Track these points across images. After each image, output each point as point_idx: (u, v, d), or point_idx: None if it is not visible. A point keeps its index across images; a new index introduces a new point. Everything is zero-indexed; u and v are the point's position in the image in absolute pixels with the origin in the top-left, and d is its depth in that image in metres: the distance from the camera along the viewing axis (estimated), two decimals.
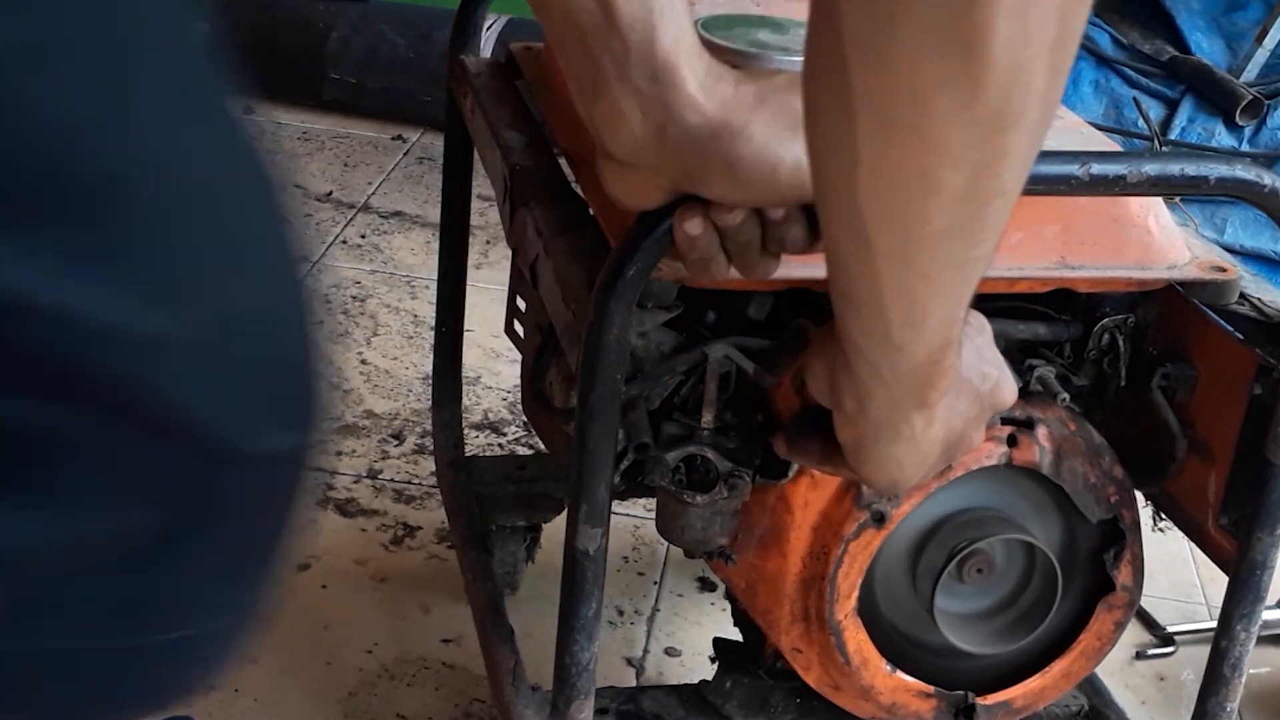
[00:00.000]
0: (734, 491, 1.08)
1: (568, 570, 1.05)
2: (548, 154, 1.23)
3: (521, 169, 1.20)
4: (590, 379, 0.98)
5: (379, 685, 1.57)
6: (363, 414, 2.03)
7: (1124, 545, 1.15)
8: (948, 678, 1.16)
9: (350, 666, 1.59)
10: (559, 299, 1.07)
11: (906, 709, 1.15)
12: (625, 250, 0.95)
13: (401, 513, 1.84)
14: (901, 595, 1.15)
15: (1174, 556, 1.88)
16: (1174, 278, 1.09)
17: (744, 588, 1.17)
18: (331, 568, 1.74)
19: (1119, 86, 2.48)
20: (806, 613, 1.13)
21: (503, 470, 1.65)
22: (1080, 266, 1.07)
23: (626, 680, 1.62)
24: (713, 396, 1.06)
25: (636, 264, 0.95)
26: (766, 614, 1.16)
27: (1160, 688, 1.70)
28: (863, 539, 1.10)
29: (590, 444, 1.00)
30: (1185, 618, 1.81)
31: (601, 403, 0.99)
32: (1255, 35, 2.52)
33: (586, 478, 1.01)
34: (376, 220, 2.58)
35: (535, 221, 1.13)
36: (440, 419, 1.66)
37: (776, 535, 1.12)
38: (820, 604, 1.11)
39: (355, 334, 2.24)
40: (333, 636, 1.63)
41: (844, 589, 1.11)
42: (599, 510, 1.02)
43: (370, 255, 2.46)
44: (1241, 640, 1.14)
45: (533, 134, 1.27)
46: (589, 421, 0.99)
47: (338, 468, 1.92)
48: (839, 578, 1.10)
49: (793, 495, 1.11)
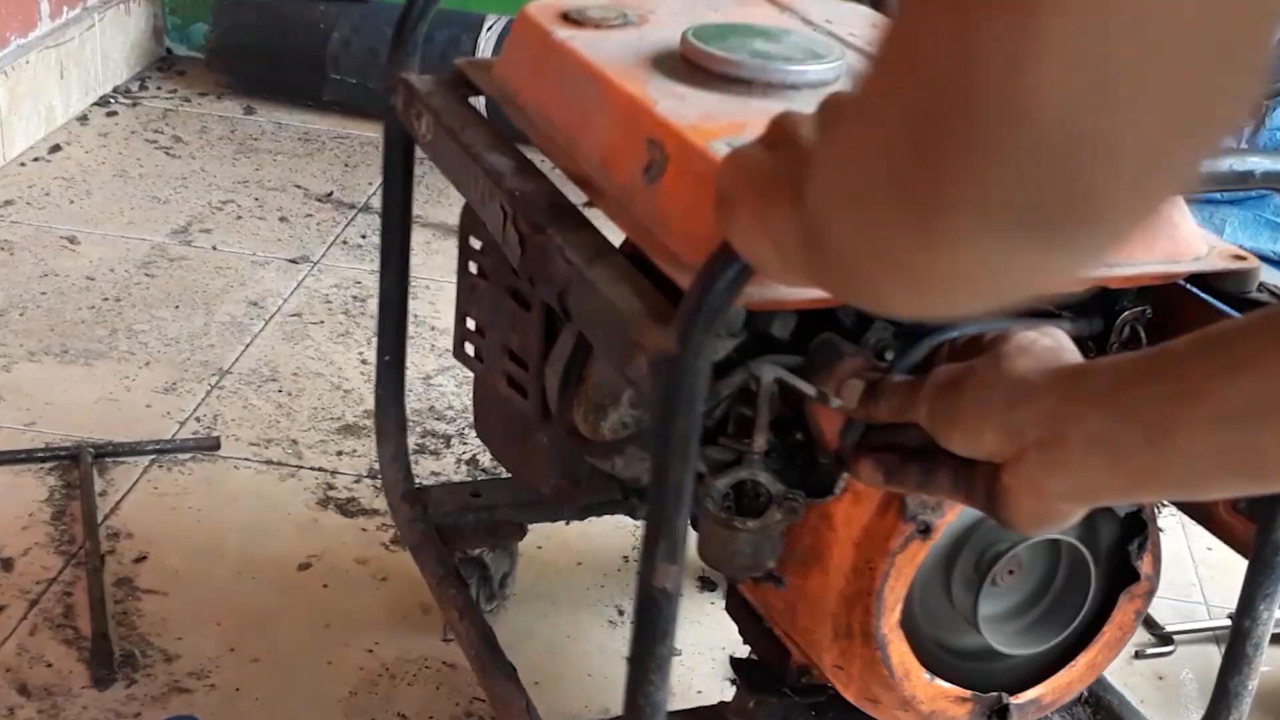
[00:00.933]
0: (789, 515, 1.06)
1: (644, 609, 1.01)
2: (542, 177, 1.21)
3: (523, 195, 1.18)
4: (672, 412, 0.94)
5: (380, 684, 1.57)
6: (363, 414, 2.04)
7: (1147, 535, 1.15)
8: (979, 679, 1.16)
9: (351, 665, 1.60)
10: (610, 329, 1.04)
11: (944, 715, 1.14)
12: (709, 280, 0.92)
13: None
14: (934, 601, 1.13)
15: (1173, 556, 1.89)
16: (1202, 269, 1.09)
17: (782, 609, 1.15)
18: (332, 567, 1.74)
19: None
20: (850, 629, 1.11)
21: (459, 499, 1.61)
22: (1117, 264, 1.06)
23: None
24: (765, 420, 1.03)
25: (722, 294, 0.91)
26: (808, 633, 1.14)
27: (1159, 687, 1.71)
28: (909, 551, 1.08)
29: (672, 478, 0.95)
30: (1184, 617, 1.81)
31: (683, 436, 0.94)
32: None
33: (667, 513, 0.97)
34: (377, 220, 2.58)
35: (561, 249, 1.10)
36: (386, 452, 1.61)
37: (819, 553, 1.11)
38: (866, 619, 1.10)
39: (356, 334, 2.24)
40: (333, 636, 1.63)
41: (890, 602, 1.09)
42: (677, 546, 0.98)
43: (370, 255, 2.46)
44: (1264, 619, 1.16)
45: (518, 156, 1.25)
46: (670, 455, 0.95)
47: (338, 468, 1.93)
48: (886, 591, 1.08)
49: (835, 512, 1.09)
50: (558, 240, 1.11)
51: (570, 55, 1.23)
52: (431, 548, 1.53)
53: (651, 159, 1.10)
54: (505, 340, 1.33)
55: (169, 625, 1.62)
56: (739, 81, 1.15)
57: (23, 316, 2.21)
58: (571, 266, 1.09)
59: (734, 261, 0.90)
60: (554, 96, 1.25)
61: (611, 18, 1.28)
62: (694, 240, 1.03)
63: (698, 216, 1.03)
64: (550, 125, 1.25)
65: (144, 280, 2.36)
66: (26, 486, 1.84)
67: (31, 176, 2.68)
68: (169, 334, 2.20)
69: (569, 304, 1.10)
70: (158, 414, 2.00)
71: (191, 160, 2.80)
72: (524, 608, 1.71)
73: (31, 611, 1.63)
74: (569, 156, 1.20)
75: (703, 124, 1.09)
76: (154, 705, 1.51)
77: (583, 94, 1.20)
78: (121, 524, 1.78)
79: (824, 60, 1.17)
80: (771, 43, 1.19)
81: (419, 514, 1.57)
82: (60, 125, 2.88)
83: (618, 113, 1.16)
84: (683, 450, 0.95)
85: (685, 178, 1.07)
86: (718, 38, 1.19)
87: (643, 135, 1.11)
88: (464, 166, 1.27)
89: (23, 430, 1.94)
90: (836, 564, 1.10)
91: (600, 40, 1.24)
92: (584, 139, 1.19)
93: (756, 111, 1.12)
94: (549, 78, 1.27)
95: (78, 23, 2.94)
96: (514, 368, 1.32)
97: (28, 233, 2.47)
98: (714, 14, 1.30)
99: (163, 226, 2.54)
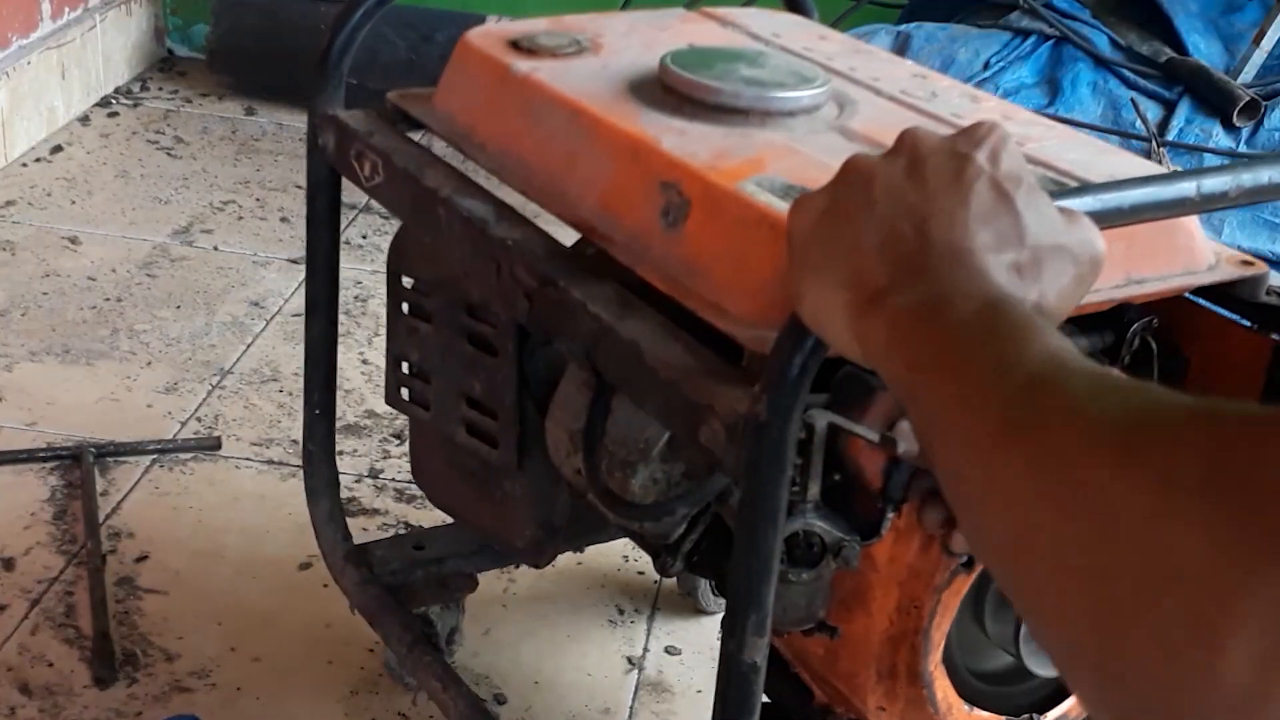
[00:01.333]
0: (845, 563, 1.01)
1: (730, 684, 0.97)
2: (527, 223, 1.16)
3: (517, 244, 1.12)
4: (761, 480, 0.89)
5: (380, 684, 1.58)
6: (364, 414, 2.04)
7: None
8: (1009, 701, 1.14)
9: (352, 665, 1.60)
10: (668, 391, 0.98)
11: None
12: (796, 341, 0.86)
13: (403, 512, 1.84)
14: (966, 629, 1.11)
15: None
16: (1217, 279, 1.08)
17: (822, 655, 1.12)
18: None
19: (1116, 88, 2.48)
20: (895, 670, 1.08)
21: (403, 554, 1.52)
22: (1144, 280, 1.05)
23: (627, 679, 1.63)
24: (819, 468, 0.98)
25: (811, 356, 0.86)
26: (851, 678, 1.11)
27: None
28: (954, 586, 1.05)
29: (762, 550, 0.91)
30: None
31: (774, 504, 0.90)
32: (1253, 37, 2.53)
33: (755, 585, 0.93)
34: (377, 220, 2.59)
35: (582, 304, 1.05)
36: (321, 511, 1.50)
37: (860, 595, 1.07)
38: (913, 658, 1.07)
39: (356, 334, 2.24)
40: (334, 635, 1.63)
41: (936, 640, 1.06)
42: (766, 619, 0.94)
43: (371, 255, 2.47)
44: None
45: (494, 201, 1.19)
46: (761, 524, 0.90)
47: (340, 467, 1.93)
48: (933, 629, 1.05)
49: (877, 553, 1.05)
50: (576, 294, 1.06)
51: (538, 89, 1.19)
52: (390, 614, 1.44)
53: (668, 202, 1.06)
54: (462, 386, 1.27)
55: (170, 625, 1.63)
56: (735, 111, 1.12)
57: (24, 316, 2.22)
58: (600, 322, 1.03)
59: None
60: (524, 134, 1.20)
61: (565, 45, 1.24)
62: (739, 289, 0.99)
63: (740, 265, 1.00)
64: (523, 164, 1.19)
65: (145, 280, 2.36)
66: (28, 486, 1.84)
67: (33, 177, 2.68)
68: (170, 334, 2.21)
69: (600, 361, 1.05)
70: (159, 414, 2.01)
71: (193, 161, 2.81)
72: (524, 608, 1.71)
73: (33, 611, 1.63)
74: (555, 198, 1.15)
75: (719, 163, 1.06)
76: (155, 704, 1.52)
77: (563, 131, 1.16)
78: (123, 524, 1.78)
79: (812, 85, 1.15)
80: (755, 68, 1.17)
81: (367, 576, 1.47)
82: (62, 126, 2.88)
83: (616, 152, 1.11)
84: (773, 519, 0.90)
85: (716, 223, 1.03)
86: (702, 64, 1.16)
87: (653, 176, 1.07)
88: (430, 212, 1.20)
89: (24, 430, 1.95)
90: (880, 605, 1.06)
91: (565, 71, 1.20)
92: (572, 180, 1.14)
93: (765, 144, 1.09)
94: (513, 113, 1.21)
95: (79, 23, 2.94)
96: (476, 416, 1.26)
97: (29, 233, 2.48)
98: (664, 34, 1.28)
99: (164, 227, 2.54)
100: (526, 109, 1.20)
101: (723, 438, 0.93)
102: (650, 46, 1.23)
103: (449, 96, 1.30)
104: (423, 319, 1.31)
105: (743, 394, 0.92)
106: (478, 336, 1.24)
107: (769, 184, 1.03)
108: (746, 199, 1.01)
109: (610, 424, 1.14)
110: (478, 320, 1.23)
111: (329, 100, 1.34)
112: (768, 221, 0.99)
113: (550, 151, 1.17)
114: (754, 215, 1.00)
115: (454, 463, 1.35)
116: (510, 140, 1.21)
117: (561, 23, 1.30)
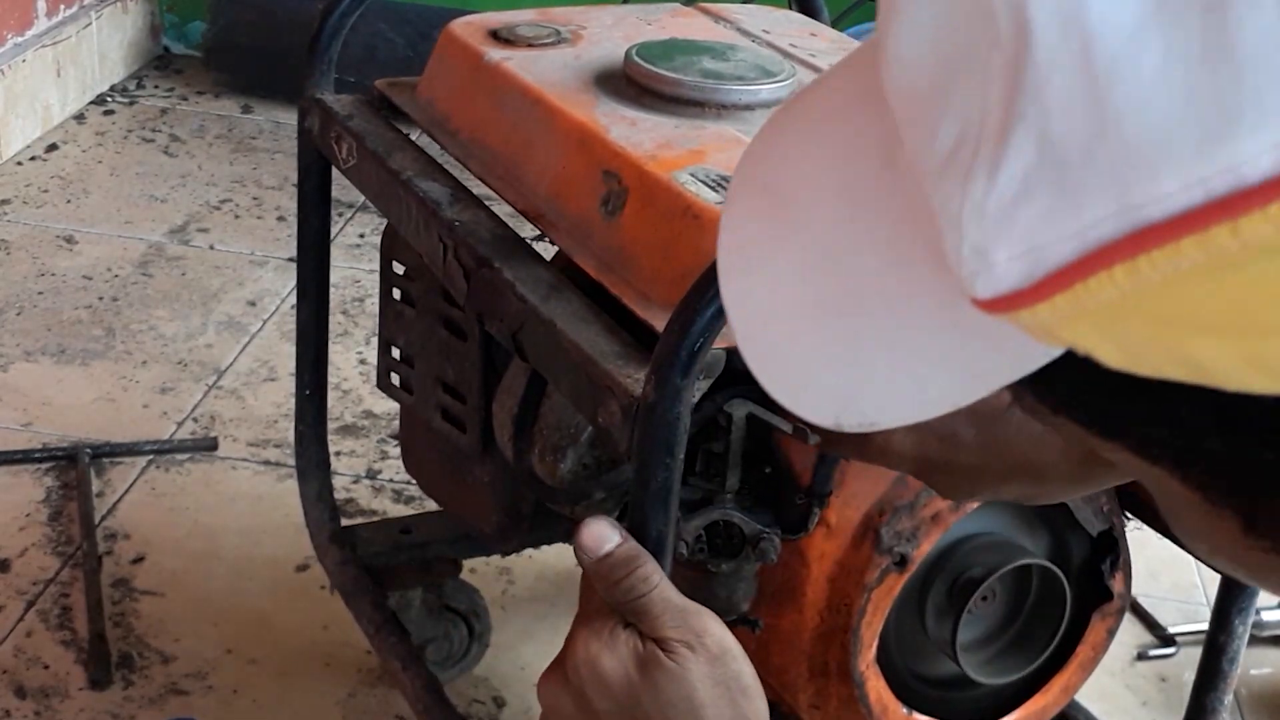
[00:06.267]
0: (764, 555, 1.01)
1: None
2: (480, 206, 1.15)
3: (463, 225, 1.12)
4: (651, 461, 0.89)
5: (378, 686, 1.57)
6: (361, 414, 2.03)
7: (1119, 554, 1.14)
8: (956, 709, 1.13)
9: (349, 667, 1.59)
10: (576, 372, 0.98)
11: None
12: (686, 322, 0.86)
13: (401, 513, 1.83)
14: (908, 631, 1.11)
15: (1175, 557, 1.88)
16: None
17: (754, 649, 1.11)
18: None
19: None
20: (825, 667, 1.09)
21: (389, 538, 1.52)
22: None
23: None
24: (738, 458, 0.98)
25: (700, 337, 0.85)
26: (782, 673, 1.11)
27: (1162, 688, 1.70)
28: (885, 585, 1.05)
29: (653, 530, 0.90)
30: (1186, 618, 1.81)
31: (664, 486, 0.89)
32: None
33: None
34: (376, 220, 2.58)
35: (511, 285, 1.05)
36: (310, 490, 1.50)
37: (791, 591, 1.07)
38: (843, 656, 1.07)
39: (354, 333, 2.23)
40: (332, 637, 1.63)
41: (867, 639, 1.06)
42: None
43: (370, 255, 2.46)
44: (1239, 634, 1.15)
45: (453, 183, 1.19)
46: (651, 506, 0.90)
47: (336, 468, 1.92)
48: (863, 628, 1.05)
49: (808, 548, 1.06)
50: (507, 275, 1.06)
51: (506, 77, 1.19)
52: (365, 594, 1.44)
53: (609, 190, 1.06)
54: (438, 372, 1.27)
55: (166, 626, 1.62)
56: (691, 103, 1.12)
57: (19, 316, 2.21)
58: (525, 304, 1.03)
59: (711, 302, 0.85)
60: (491, 122, 1.20)
61: (544, 36, 1.24)
62: (664, 278, 1.00)
63: (666, 254, 1.01)
64: (489, 153, 1.19)
65: (141, 280, 2.35)
66: (23, 487, 1.83)
67: (28, 175, 2.67)
68: (166, 334, 2.19)
69: (524, 343, 1.04)
70: (155, 414, 1.99)
71: (189, 159, 2.80)
72: (523, 608, 1.70)
73: (28, 613, 1.62)
74: (513, 188, 1.15)
75: (661, 153, 1.06)
76: (151, 707, 1.51)
77: (524, 119, 1.16)
78: (119, 525, 1.77)
79: (776, 78, 1.15)
80: (720, 61, 1.16)
81: (348, 556, 1.47)
82: (57, 124, 2.87)
83: (566, 140, 1.11)
84: (664, 501, 0.89)
85: (648, 212, 1.03)
86: (664, 56, 1.15)
87: (597, 165, 1.08)
88: (393, 194, 1.21)
89: (20, 430, 1.93)
90: (810, 601, 1.07)
91: (536, 60, 1.20)
92: (529, 168, 1.15)
93: (713, 136, 1.09)
94: (483, 101, 1.21)
95: (75, 21, 2.93)
96: (449, 401, 1.26)
97: (24, 232, 2.46)
98: (649, 27, 1.27)
99: (160, 226, 2.53)
100: (494, 98, 1.20)
101: (619, 419, 0.93)
102: (631, 39, 1.23)
103: (430, 84, 1.31)
104: (409, 304, 1.32)
105: (642, 377, 0.91)
106: (451, 321, 1.25)
107: (704, 175, 1.03)
108: (677, 189, 1.02)
109: (545, 408, 1.15)
110: (451, 305, 1.24)
111: (317, 85, 1.37)
112: (693, 212, 1.00)
113: (512, 139, 1.18)
114: (681, 205, 1.01)
115: (434, 449, 1.36)
116: (479, 128, 1.22)
117: (547, 14, 1.30)
